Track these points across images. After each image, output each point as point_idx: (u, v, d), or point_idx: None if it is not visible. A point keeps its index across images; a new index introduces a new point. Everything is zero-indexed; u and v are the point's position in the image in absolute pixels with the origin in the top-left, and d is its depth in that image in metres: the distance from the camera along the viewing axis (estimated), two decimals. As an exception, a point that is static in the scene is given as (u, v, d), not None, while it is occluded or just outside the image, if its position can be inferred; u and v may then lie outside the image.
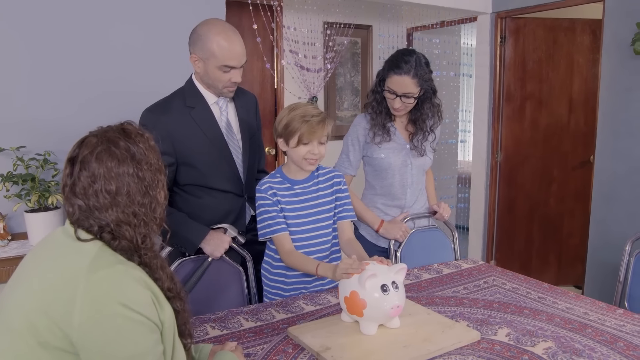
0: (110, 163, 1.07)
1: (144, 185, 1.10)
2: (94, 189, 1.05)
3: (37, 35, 2.49)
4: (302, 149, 1.78)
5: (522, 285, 1.95)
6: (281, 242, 1.82)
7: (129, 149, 1.09)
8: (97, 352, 0.99)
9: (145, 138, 1.15)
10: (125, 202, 1.07)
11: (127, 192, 1.07)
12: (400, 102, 2.17)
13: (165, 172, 1.17)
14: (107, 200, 1.06)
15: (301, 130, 1.75)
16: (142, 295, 1.03)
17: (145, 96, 2.07)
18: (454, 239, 2.43)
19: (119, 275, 1.02)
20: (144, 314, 1.02)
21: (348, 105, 4.79)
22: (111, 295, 0.99)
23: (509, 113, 4.25)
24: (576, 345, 1.46)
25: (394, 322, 1.53)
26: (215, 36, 1.88)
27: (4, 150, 2.38)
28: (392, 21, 4.80)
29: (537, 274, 4.11)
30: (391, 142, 2.26)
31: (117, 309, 0.98)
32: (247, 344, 1.48)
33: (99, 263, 1.02)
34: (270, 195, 1.84)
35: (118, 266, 1.03)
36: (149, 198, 1.11)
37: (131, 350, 1.01)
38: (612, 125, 3.43)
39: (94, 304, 0.98)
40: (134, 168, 1.09)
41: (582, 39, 4.13)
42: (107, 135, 1.10)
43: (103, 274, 1.00)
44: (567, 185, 4.25)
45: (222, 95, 2.01)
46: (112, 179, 1.06)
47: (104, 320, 0.98)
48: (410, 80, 2.12)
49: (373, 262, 1.54)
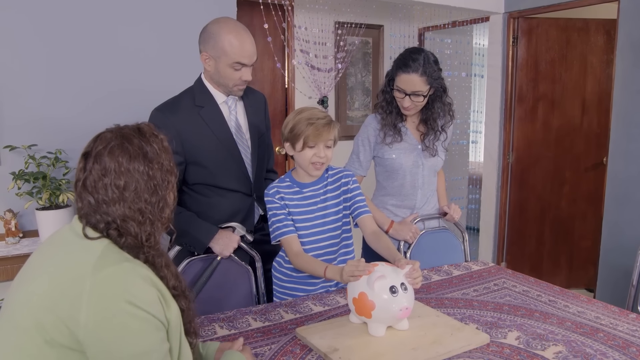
0: (121, 158, 1.08)
1: (153, 184, 1.10)
2: (104, 183, 1.06)
3: (48, 35, 2.51)
4: (308, 152, 1.77)
5: (532, 288, 1.93)
6: (289, 245, 1.82)
7: (142, 147, 1.11)
8: (103, 349, 0.99)
9: (160, 139, 1.16)
10: (132, 198, 1.08)
11: (135, 188, 1.08)
12: (410, 101, 2.15)
13: (176, 174, 1.18)
14: (115, 194, 1.06)
15: (306, 132, 1.74)
16: (149, 292, 1.03)
17: (156, 95, 2.08)
18: (464, 241, 2.41)
19: (125, 272, 1.02)
20: (150, 311, 1.02)
21: (359, 106, 4.78)
22: (118, 293, 0.99)
23: (521, 114, 4.22)
24: (587, 349, 1.44)
25: (402, 324, 1.52)
26: (227, 34, 1.88)
27: (16, 149, 2.40)
28: (404, 21, 4.78)
29: (548, 276, 4.08)
30: (402, 142, 2.24)
31: (123, 306, 0.98)
32: (255, 344, 1.47)
33: (105, 261, 1.02)
34: (278, 199, 1.85)
35: (125, 264, 1.03)
36: (157, 197, 1.11)
37: (137, 348, 1.01)
38: (625, 127, 3.39)
39: (100, 302, 0.98)
40: (145, 166, 1.09)
41: (595, 39, 4.08)
42: (122, 132, 1.12)
43: (109, 271, 1.00)
44: (580, 187, 4.21)
45: (232, 94, 2.01)
46: (122, 174, 1.07)
47: (111, 318, 0.98)
48: (419, 78, 2.11)
49: (382, 264, 1.53)
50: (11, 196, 2.42)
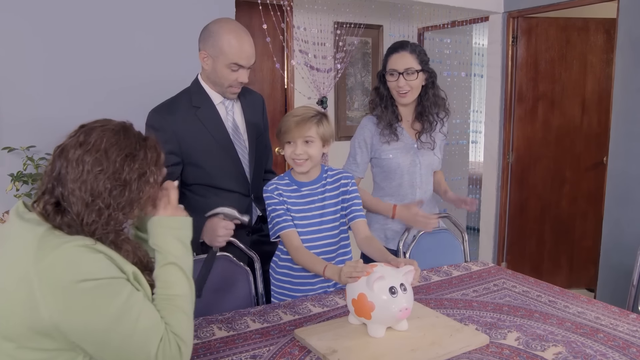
0: (107, 140, 1.09)
1: (123, 179, 1.09)
2: (76, 155, 1.07)
3: (47, 35, 2.51)
4: (287, 149, 1.79)
5: (532, 288, 1.93)
6: (289, 239, 1.81)
7: (134, 147, 1.11)
8: (81, 329, 0.99)
9: (144, 139, 1.17)
10: (92, 178, 1.06)
11: (101, 171, 1.07)
12: (404, 80, 2.17)
13: (160, 171, 1.18)
14: (79, 170, 1.06)
15: (283, 128, 1.77)
16: (96, 261, 1.02)
17: (156, 96, 2.07)
18: (463, 241, 2.41)
19: (66, 254, 1.00)
20: (106, 276, 1.02)
21: (358, 106, 4.77)
22: (67, 277, 0.98)
23: (521, 113, 4.21)
24: (587, 350, 1.43)
25: (402, 324, 1.51)
26: (227, 34, 1.89)
27: (15, 150, 2.40)
28: (403, 21, 4.77)
29: (548, 276, 4.07)
30: (399, 142, 2.25)
31: (79, 286, 0.98)
32: (254, 346, 1.47)
33: (43, 250, 1.00)
34: (277, 195, 1.85)
35: (63, 246, 1.01)
36: (119, 192, 1.09)
37: (111, 314, 1.01)
38: (626, 126, 3.38)
39: (56, 293, 0.97)
40: (124, 161, 1.09)
41: (595, 38, 4.07)
42: (125, 126, 1.15)
43: (50, 259, 0.99)
44: (580, 186, 4.20)
45: (226, 96, 2.01)
46: (98, 151, 1.07)
47: (73, 302, 0.98)
48: (409, 54, 2.18)
49: (381, 264, 1.52)
50: (9, 197, 2.41)
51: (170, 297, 1.13)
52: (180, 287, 1.16)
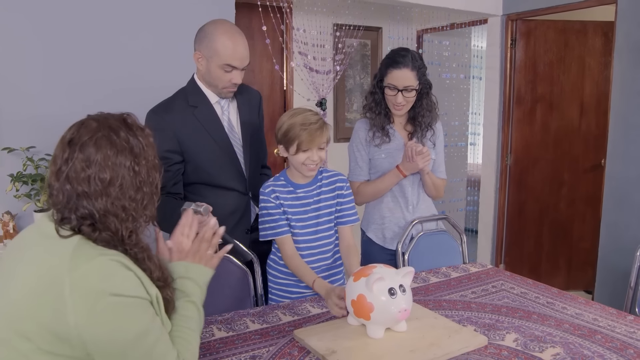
0: (108, 151, 1.04)
1: (139, 181, 1.08)
2: (87, 174, 1.03)
3: (47, 35, 2.51)
4: (302, 156, 1.79)
5: (530, 290, 1.94)
6: (283, 246, 1.84)
7: (128, 141, 1.08)
8: (102, 342, 1.00)
9: (146, 133, 1.14)
10: (116, 194, 1.05)
11: (121, 184, 1.06)
12: (402, 97, 2.18)
13: (161, 170, 1.16)
14: (98, 187, 1.03)
15: (300, 138, 1.75)
16: (127, 278, 1.03)
17: (155, 96, 2.08)
18: (462, 243, 2.41)
19: (101, 266, 1.01)
20: (135, 295, 1.02)
21: (357, 107, 4.78)
22: (100, 289, 0.98)
23: (519, 116, 4.22)
24: (585, 351, 1.44)
25: (401, 325, 1.52)
26: (221, 35, 1.89)
27: (14, 151, 2.40)
28: (402, 23, 4.78)
29: (546, 278, 4.08)
30: (391, 142, 2.27)
31: (109, 299, 0.98)
32: (253, 346, 1.47)
33: (78, 259, 1.00)
34: (274, 199, 1.86)
35: (98, 258, 1.01)
36: (141, 194, 1.09)
37: (134, 332, 1.02)
38: (624, 129, 3.40)
39: (86, 301, 0.97)
40: (131, 161, 1.07)
41: (593, 41, 4.09)
42: (109, 123, 1.08)
43: (85, 269, 0.99)
44: (578, 188, 4.21)
45: (221, 96, 2.03)
46: (108, 167, 1.04)
47: (101, 314, 0.98)
48: (410, 72, 2.16)
49: (380, 266, 1.53)
50: (9, 198, 2.41)
51: (185, 330, 1.20)
52: (196, 323, 1.24)
